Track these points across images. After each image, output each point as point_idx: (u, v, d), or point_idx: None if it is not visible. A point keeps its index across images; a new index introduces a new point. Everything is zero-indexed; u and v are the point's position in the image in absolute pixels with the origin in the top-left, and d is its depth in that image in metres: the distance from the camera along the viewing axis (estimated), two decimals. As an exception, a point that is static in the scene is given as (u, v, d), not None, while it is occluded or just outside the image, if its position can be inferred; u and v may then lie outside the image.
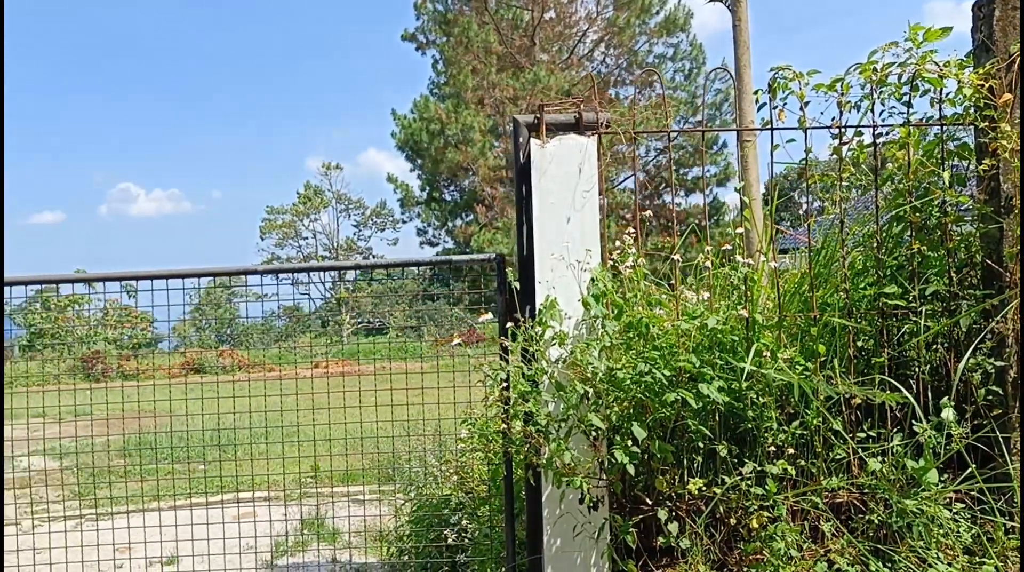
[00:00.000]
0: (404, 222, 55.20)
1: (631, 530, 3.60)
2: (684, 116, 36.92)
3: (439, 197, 39.01)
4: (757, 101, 3.79)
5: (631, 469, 3.43)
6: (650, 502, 3.69)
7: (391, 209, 62.26)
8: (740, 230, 3.96)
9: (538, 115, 3.80)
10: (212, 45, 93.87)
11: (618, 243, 3.88)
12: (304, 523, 7.70)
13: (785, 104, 3.78)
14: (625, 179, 35.04)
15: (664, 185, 35.69)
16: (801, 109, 3.74)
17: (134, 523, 7.00)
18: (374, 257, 61.28)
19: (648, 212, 4.57)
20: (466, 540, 4.93)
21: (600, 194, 3.82)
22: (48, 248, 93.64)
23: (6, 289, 4.31)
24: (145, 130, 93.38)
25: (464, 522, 5.01)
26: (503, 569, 4.30)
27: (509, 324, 3.73)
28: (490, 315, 3.88)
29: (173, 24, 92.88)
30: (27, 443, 12.20)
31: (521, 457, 3.65)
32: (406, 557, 5.77)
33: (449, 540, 4.96)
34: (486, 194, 34.13)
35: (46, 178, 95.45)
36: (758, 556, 3.56)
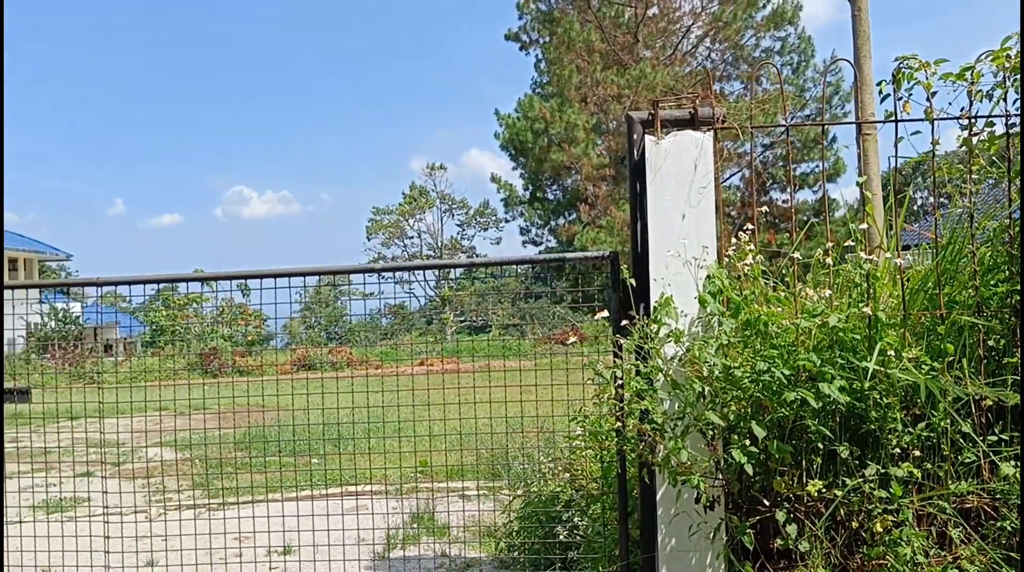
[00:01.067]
0: (507, 221, 55.53)
1: (748, 531, 3.55)
2: (792, 111, 36.03)
3: (542, 196, 39.10)
4: (881, 92, 3.67)
5: (749, 469, 3.37)
6: (767, 503, 3.62)
7: (494, 209, 62.80)
8: (863, 226, 3.85)
9: (652, 111, 3.78)
10: (320, 50, 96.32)
11: (734, 240, 3.82)
12: (414, 517, 7.82)
13: (910, 95, 3.65)
14: (730, 176, 34.44)
15: (771, 182, 34.93)
16: (928, 99, 3.61)
17: (251, 513, 7.24)
18: (477, 256, 61.82)
19: (764, 207, 4.49)
20: (578, 537, 4.94)
21: (715, 190, 3.77)
22: (167, 249, 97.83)
23: (129, 288, 4.50)
24: (258, 135, 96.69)
25: (576, 519, 5.01)
26: (616, 567, 4.29)
27: (624, 322, 3.72)
28: (605, 313, 3.87)
29: (283, 31, 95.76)
30: (147, 435, 12.75)
31: (635, 455, 3.63)
32: (515, 553, 5.81)
33: (560, 537, 4.96)
34: (589, 193, 34.04)
35: (165, 183, 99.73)
36: (882, 561, 3.45)
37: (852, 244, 3.84)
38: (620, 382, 3.61)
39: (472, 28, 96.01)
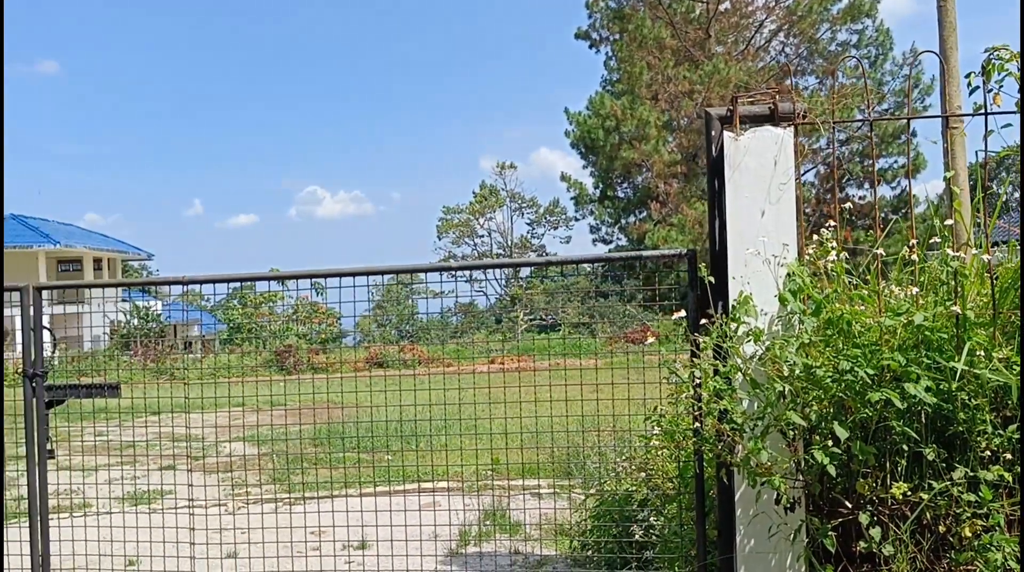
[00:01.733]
0: (577, 220, 55.25)
1: (830, 533, 3.48)
2: (870, 105, 35.20)
3: (612, 194, 38.90)
4: (969, 84, 3.57)
5: (831, 470, 3.31)
6: (850, 505, 3.54)
7: (564, 207, 62.67)
8: (949, 222, 3.75)
9: (731, 107, 3.73)
10: (392, 51, 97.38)
11: (815, 237, 3.75)
12: (486, 514, 7.86)
13: (1001, 87, 3.54)
14: (804, 172, 33.76)
15: (847, 177, 34.18)
16: (1020, 91, 3.49)
17: (327, 508, 7.36)
18: (546, 255, 61.81)
19: (848, 204, 4.40)
20: (653, 537, 4.91)
21: (795, 187, 3.71)
22: (243, 248, 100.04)
23: (208, 286, 4.60)
24: (331, 136, 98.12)
25: (651, 519, 4.98)
26: (693, 568, 4.25)
27: (702, 320, 3.68)
28: (682, 312, 3.84)
29: (355, 33, 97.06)
30: (226, 430, 13.04)
31: (713, 455, 3.59)
32: (589, 552, 5.80)
33: (636, 536, 4.94)
34: (660, 190, 33.75)
35: (241, 184, 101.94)
36: (970, 567, 3.36)
37: (937, 241, 3.74)
38: (698, 381, 3.57)
39: (541, 27, 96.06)
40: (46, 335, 4.06)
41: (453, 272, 4.88)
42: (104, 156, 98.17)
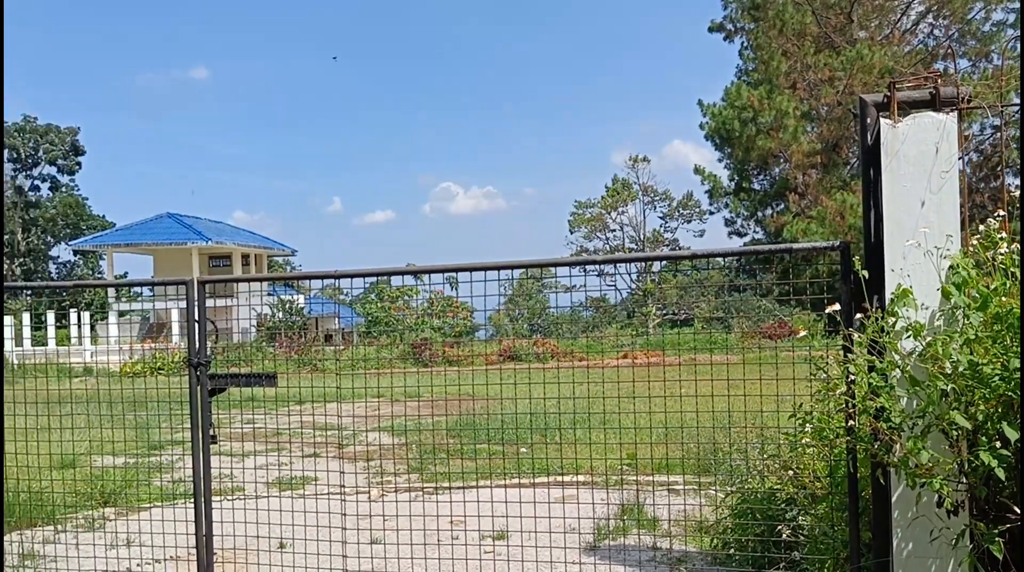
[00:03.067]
0: (711, 213, 54.37)
1: (997, 539, 3.30)
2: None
3: (748, 186, 38.02)
4: None
5: (1000, 473, 3.14)
6: (1019, 510, 3.35)
7: (698, 200, 61.62)
8: None
9: (888, 93, 3.58)
10: (523, 46, 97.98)
11: (981, 228, 3.56)
12: (623, 509, 7.82)
13: None
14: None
15: (1000, 165, 32.27)
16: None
17: (465, 498, 7.48)
18: (679, 248, 60.92)
19: (1012, 193, 4.15)
20: (801, 537, 4.77)
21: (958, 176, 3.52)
22: (380, 244, 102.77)
23: (347, 281, 4.72)
24: (464, 133, 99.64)
25: (799, 519, 4.84)
26: (844, 570, 4.11)
27: (856, 315, 3.55)
28: (837, 306, 3.70)
29: (486, 28, 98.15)
30: (366, 420, 13.43)
31: (868, 454, 3.46)
32: (731, 550, 5.69)
33: (783, 536, 4.81)
34: (799, 181, 32.74)
35: (378, 181, 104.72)
36: None
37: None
38: (852, 378, 3.45)
39: (673, 20, 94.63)
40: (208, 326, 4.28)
41: (584, 266, 4.87)
42: (250, 157, 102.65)
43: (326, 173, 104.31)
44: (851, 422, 3.42)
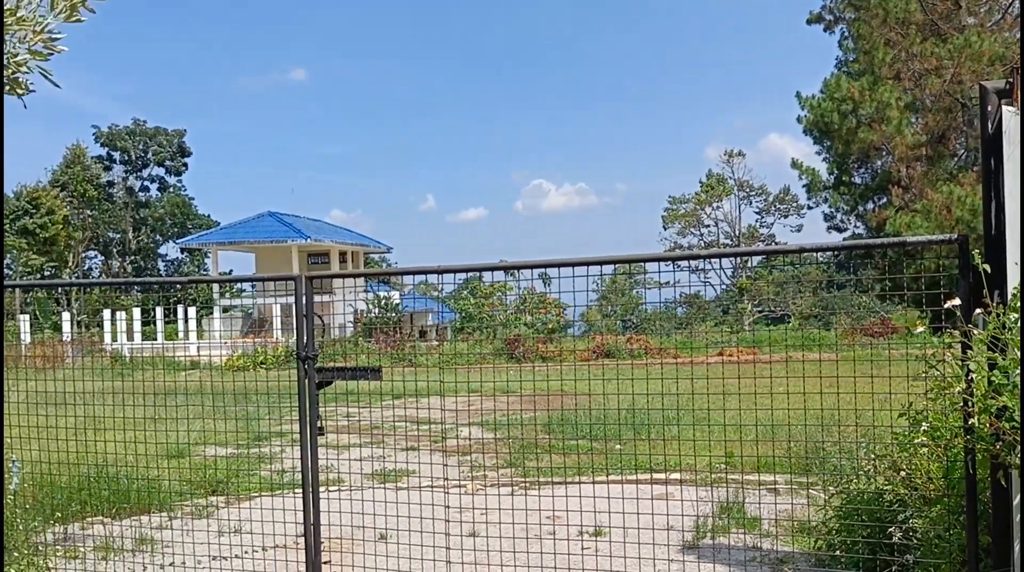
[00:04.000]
0: (809, 208, 53.04)
1: None
2: None
3: (848, 180, 36.96)
4: None
5: None
6: None
7: (795, 195, 60.27)
8: None
9: (1011, 80, 3.43)
10: (615, 41, 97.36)
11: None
12: (722, 507, 7.71)
13: None
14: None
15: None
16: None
17: (561, 493, 7.49)
18: (776, 244, 59.69)
19: None
20: (914, 540, 4.61)
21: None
22: (472, 241, 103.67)
23: (439, 277, 4.76)
24: (557, 129, 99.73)
25: (911, 521, 4.68)
26: (961, 575, 3.96)
27: (976, 310, 3.41)
28: (957, 301, 3.56)
29: (578, 24, 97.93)
30: (460, 415, 13.54)
31: (988, 455, 3.33)
32: (836, 551, 5.54)
33: (895, 539, 4.66)
34: (902, 174, 31.65)
35: (471, 179, 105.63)
36: None
37: None
38: (971, 376, 3.32)
39: (769, 12, 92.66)
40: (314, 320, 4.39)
41: (678, 262, 4.80)
42: (346, 156, 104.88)
43: (420, 171, 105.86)
44: (970, 421, 3.29)
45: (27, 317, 39.19)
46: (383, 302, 36.27)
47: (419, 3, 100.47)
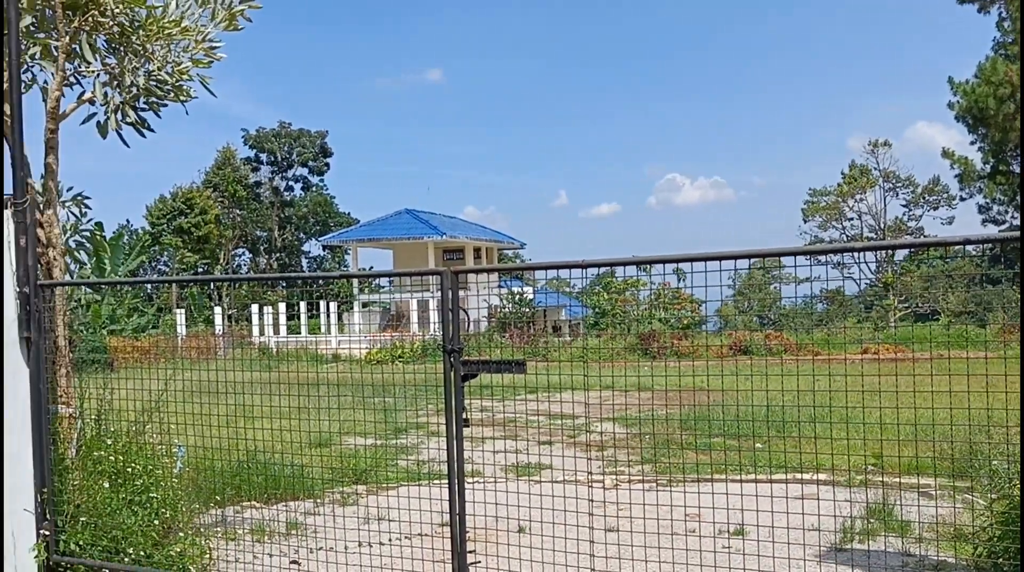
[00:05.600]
0: (962, 199, 50.36)
1: None
2: None
3: (1006, 170, 34.91)
4: None
5: None
6: None
7: (946, 185, 57.36)
8: None
9: None
10: (749, 30, 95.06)
11: None
12: (869, 510, 7.45)
13: None
14: None
15: None
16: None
17: (699, 491, 7.39)
18: (924, 237, 56.97)
19: None
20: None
21: None
22: (605, 237, 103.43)
23: (571, 271, 4.73)
24: (690, 122, 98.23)
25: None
26: None
27: None
28: None
29: (709, 14, 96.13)
30: (597, 410, 13.55)
31: None
32: (999, 559, 5.28)
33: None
34: (1068, 162, 29.68)
35: (604, 174, 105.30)
36: None
37: None
38: None
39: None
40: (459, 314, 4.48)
41: (817, 257, 4.66)
42: (480, 153, 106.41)
43: (552, 167, 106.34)
44: None
45: (183, 311, 41.43)
46: (517, 297, 36.61)
47: (552, 2, 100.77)
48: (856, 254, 51.47)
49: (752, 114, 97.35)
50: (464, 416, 4.41)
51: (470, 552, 4.57)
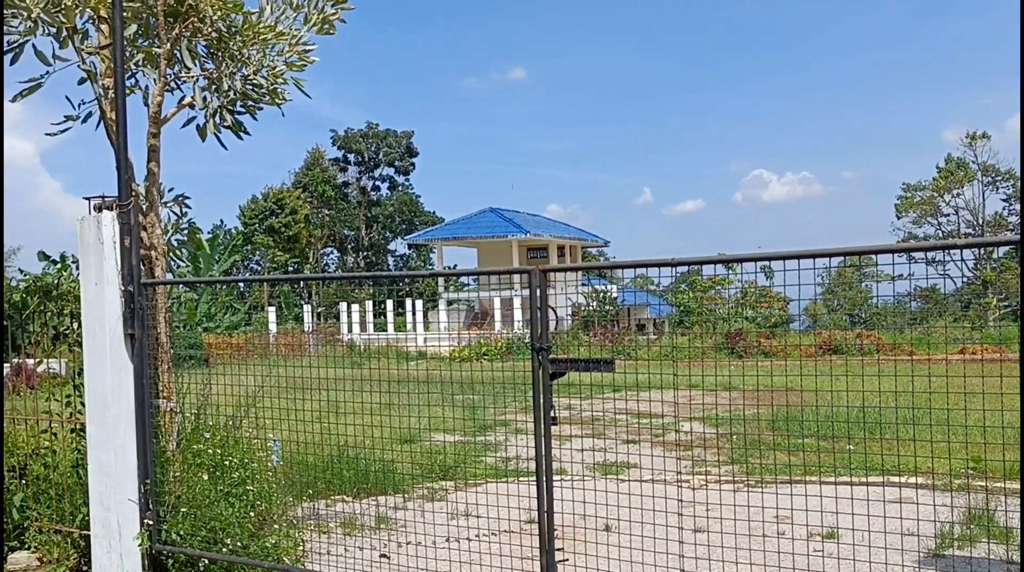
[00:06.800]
0: (1068, 192, 48.23)
1: None
2: None
3: (1115, 161, 33.28)
4: None
5: None
6: None
7: (1049, 178, 54.95)
8: None
9: None
10: (840, 23, 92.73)
11: None
12: (970, 516, 7.21)
13: None
14: None
15: None
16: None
17: (788, 492, 7.25)
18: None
19: None
20: None
21: None
22: (689, 234, 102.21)
23: (657, 269, 4.69)
24: (776, 117, 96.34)
25: None
26: None
27: None
28: None
29: (798, 9, 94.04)
30: (673, 408, 13.41)
31: None
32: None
33: None
34: None
35: (688, 171, 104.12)
36: None
37: None
38: None
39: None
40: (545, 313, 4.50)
41: (912, 253, 4.52)
42: (563, 151, 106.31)
43: (636, 165, 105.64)
44: None
45: (274, 309, 42.49)
46: (601, 296, 36.49)
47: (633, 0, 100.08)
48: (952, 250, 49.75)
49: (842, 108, 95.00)
50: (552, 414, 4.42)
51: (558, 550, 4.58)
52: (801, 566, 4.89)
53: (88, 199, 5.73)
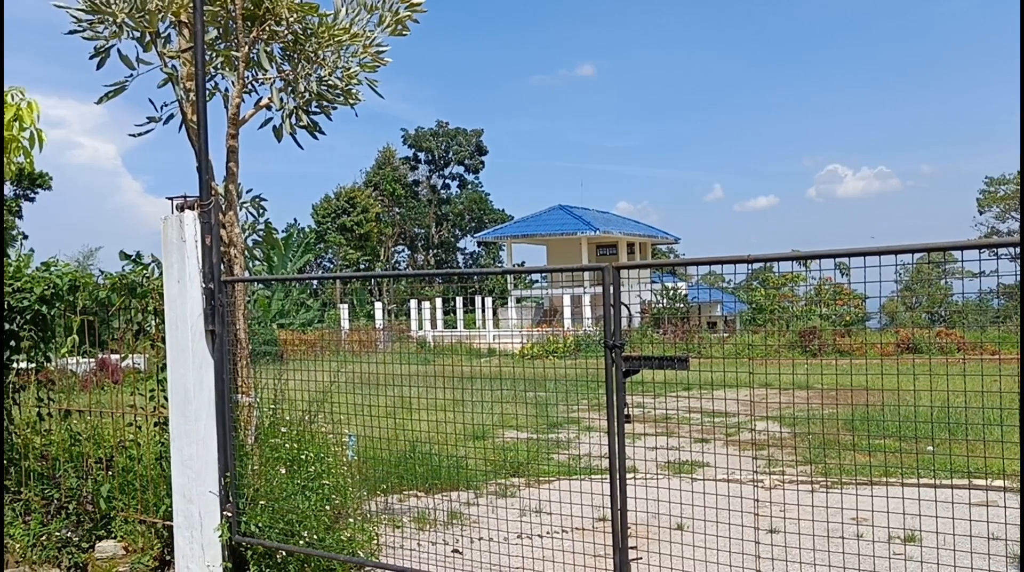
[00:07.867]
0: None
1: None
2: None
3: None
4: None
5: None
6: None
7: None
8: None
9: None
10: (901, 14, 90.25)
11: None
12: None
13: None
14: None
15: None
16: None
17: (865, 494, 7.09)
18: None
19: None
20: None
21: None
22: (762, 231, 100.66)
23: (728, 266, 4.64)
24: (851, 111, 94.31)
25: None
26: None
27: None
28: None
29: (871, 11, 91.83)
30: (749, 407, 13.21)
31: None
32: None
33: None
34: None
35: (760, 166, 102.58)
36: None
37: None
38: None
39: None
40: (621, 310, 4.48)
41: (995, 249, 4.37)
42: (632, 148, 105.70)
43: (707, 161, 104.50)
44: None
45: (346, 306, 43.12)
46: (671, 293, 36.17)
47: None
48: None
49: (922, 100, 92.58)
50: (625, 412, 4.40)
51: (631, 548, 4.56)
52: (883, 569, 4.79)
53: (171, 199, 5.89)
